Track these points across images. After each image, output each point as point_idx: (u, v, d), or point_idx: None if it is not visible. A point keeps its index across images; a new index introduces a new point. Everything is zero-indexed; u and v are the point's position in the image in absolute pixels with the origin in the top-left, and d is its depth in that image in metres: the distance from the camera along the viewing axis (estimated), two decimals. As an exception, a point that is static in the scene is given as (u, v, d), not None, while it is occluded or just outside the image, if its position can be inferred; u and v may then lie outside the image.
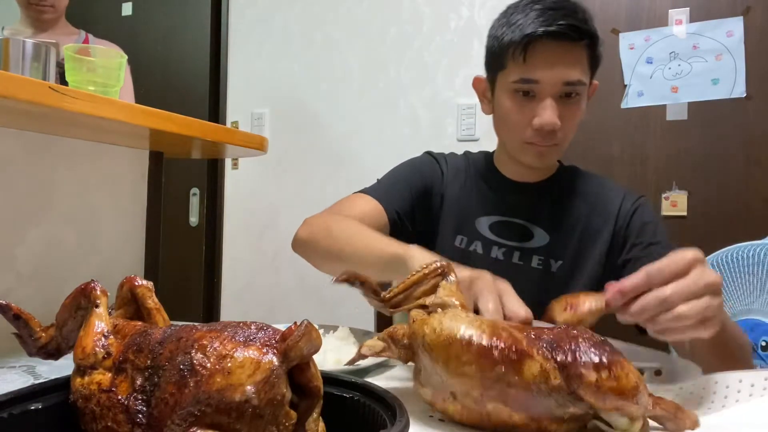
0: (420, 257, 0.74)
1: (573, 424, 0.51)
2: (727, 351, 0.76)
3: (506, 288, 0.69)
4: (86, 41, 1.92)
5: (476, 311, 0.62)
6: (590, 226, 0.97)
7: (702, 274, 0.56)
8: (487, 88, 0.99)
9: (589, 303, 0.58)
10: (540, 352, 0.49)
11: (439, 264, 0.60)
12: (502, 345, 0.49)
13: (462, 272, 0.70)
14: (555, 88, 0.87)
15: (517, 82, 0.89)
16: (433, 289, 0.60)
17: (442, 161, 1.09)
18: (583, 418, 0.51)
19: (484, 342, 0.50)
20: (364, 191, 1.05)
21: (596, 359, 0.48)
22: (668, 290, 0.55)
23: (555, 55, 0.86)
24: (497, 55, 0.93)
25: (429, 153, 1.11)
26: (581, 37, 0.86)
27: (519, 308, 0.63)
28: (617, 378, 0.47)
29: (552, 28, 0.85)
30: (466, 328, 0.51)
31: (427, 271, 0.61)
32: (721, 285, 0.57)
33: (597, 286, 0.95)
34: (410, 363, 0.58)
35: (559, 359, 0.48)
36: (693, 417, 0.51)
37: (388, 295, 0.62)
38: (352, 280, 0.61)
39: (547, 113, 0.87)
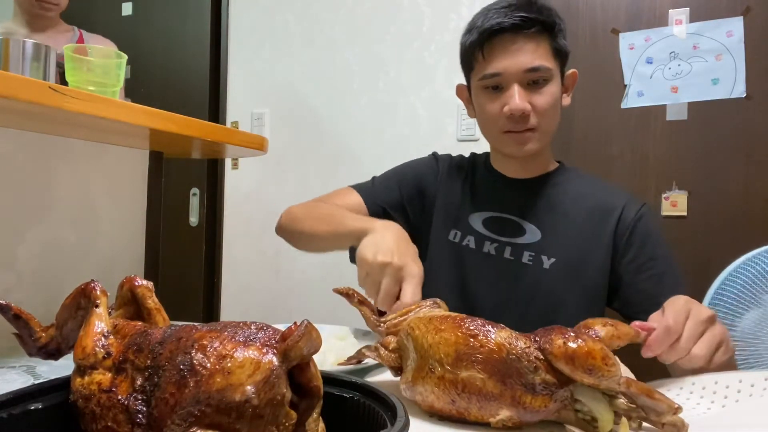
0: (381, 229, 0.81)
1: (547, 401, 0.51)
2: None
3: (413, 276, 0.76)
4: (80, 38, 1.91)
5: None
6: (587, 229, 0.97)
7: (698, 313, 0.66)
8: (468, 93, 1.04)
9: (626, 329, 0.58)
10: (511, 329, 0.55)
11: (432, 300, 0.68)
12: (477, 321, 0.55)
13: (377, 256, 0.76)
14: (518, 76, 0.92)
15: (483, 79, 0.95)
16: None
17: (442, 161, 1.12)
18: (558, 396, 0.51)
19: (459, 317, 0.56)
20: (354, 186, 1.10)
21: (566, 332, 0.51)
22: (682, 341, 0.63)
23: (513, 46, 0.92)
24: (466, 60, 1.00)
25: (433, 154, 1.14)
26: (533, 26, 0.91)
27: (409, 298, 0.72)
28: (585, 342, 0.50)
29: (505, 21, 0.91)
30: (443, 313, 0.61)
31: (421, 302, 0.68)
32: (716, 316, 0.68)
33: (600, 293, 0.96)
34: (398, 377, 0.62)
35: (532, 338, 0.53)
36: (669, 400, 0.51)
37: (386, 321, 0.67)
38: (351, 296, 0.68)
39: (515, 99, 0.91)
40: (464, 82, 1.05)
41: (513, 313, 0.95)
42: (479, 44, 0.94)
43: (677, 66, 2.00)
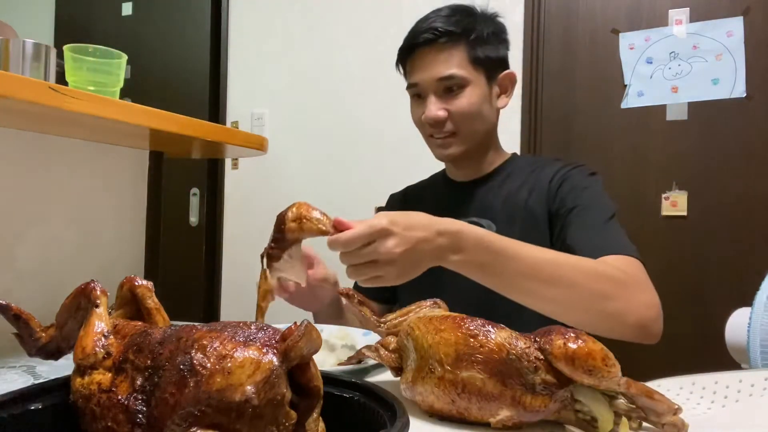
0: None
1: (547, 401, 0.51)
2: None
3: None
4: None
5: None
6: (528, 208, 1.00)
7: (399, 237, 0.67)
8: None
9: None
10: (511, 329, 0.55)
11: (432, 300, 0.69)
12: (477, 321, 0.55)
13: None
14: (433, 85, 1.00)
15: (408, 89, 1.05)
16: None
17: (396, 200, 1.20)
18: (558, 396, 0.51)
19: (459, 317, 0.57)
20: None
21: (566, 333, 0.51)
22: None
23: (427, 58, 1.00)
24: (402, 73, 1.09)
25: (390, 197, 1.22)
26: (441, 37, 0.98)
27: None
28: (585, 342, 0.50)
29: (417, 39, 1.00)
30: (443, 313, 0.62)
31: (421, 303, 0.69)
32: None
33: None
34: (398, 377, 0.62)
35: (531, 339, 0.53)
36: (668, 401, 0.51)
37: (386, 321, 0.68)
38: (352, 297, 0.69)
39: (429, 108, 1.00)
40: None
41: (504, 310, 0.94)
42: (401, 60, 1.05)
43: (677, 66, 2.00)
